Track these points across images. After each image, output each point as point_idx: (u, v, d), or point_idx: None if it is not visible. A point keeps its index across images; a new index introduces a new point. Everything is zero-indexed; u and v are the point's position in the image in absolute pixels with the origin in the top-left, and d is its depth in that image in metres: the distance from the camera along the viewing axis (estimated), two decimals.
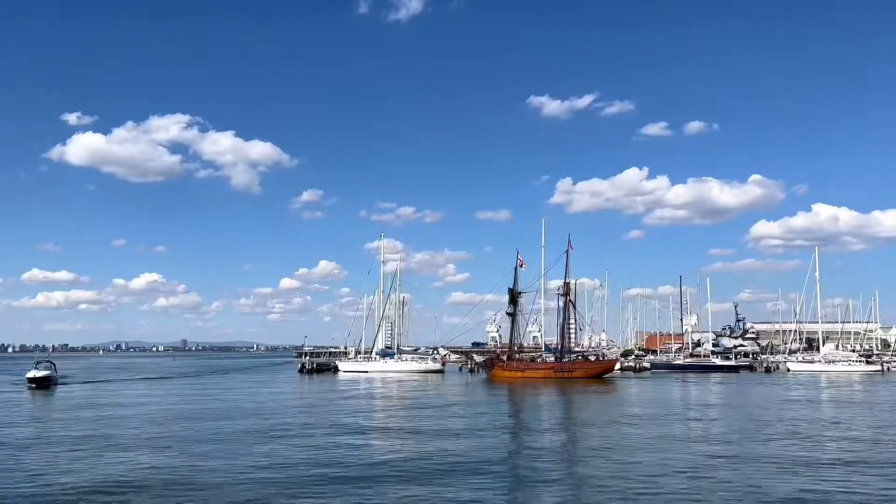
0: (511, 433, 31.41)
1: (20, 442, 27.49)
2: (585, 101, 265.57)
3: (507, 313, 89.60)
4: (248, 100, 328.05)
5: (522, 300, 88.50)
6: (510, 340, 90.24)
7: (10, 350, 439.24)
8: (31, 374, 64.76)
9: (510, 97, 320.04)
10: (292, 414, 39.53)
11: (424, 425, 33.26)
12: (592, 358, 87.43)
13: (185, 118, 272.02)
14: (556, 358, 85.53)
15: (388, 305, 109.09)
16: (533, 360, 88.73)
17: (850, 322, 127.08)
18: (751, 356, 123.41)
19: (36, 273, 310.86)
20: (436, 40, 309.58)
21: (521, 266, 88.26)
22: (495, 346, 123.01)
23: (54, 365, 72.37)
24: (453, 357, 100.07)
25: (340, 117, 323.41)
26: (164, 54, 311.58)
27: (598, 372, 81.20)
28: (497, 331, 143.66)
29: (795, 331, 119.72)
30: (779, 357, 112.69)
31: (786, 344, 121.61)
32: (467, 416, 38.32)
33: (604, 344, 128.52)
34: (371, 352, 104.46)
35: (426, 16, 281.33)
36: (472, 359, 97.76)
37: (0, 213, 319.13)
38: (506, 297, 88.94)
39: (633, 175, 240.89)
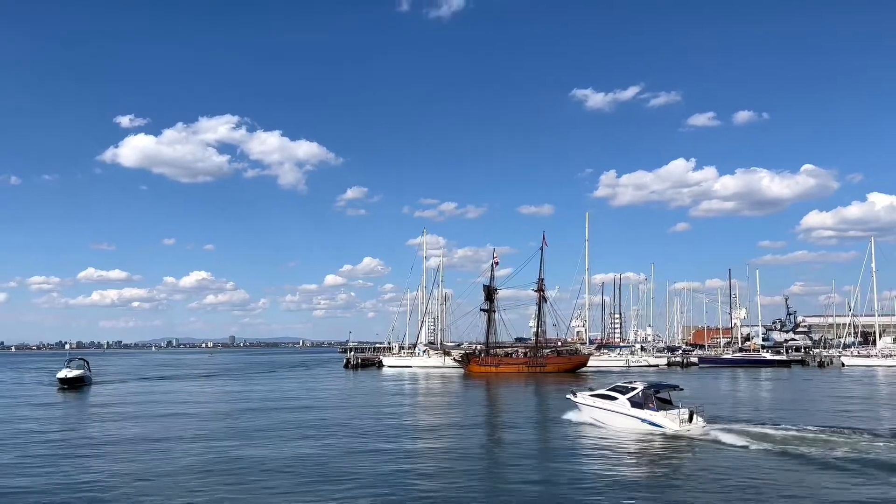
0: None
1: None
2: (630, 92, 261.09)
3: (482, 309, 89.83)
4: (295, 99, 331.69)
5: (498, 297, 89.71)
6: (486, 336, 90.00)
7: (67, 347, 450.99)
8: (63, 373, 62.78)
9: (553, 90, 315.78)
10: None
11: None
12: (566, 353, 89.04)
13: (234, 119, 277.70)
14: (525, 353, 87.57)
15: (430, 301, 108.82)
16: (508, 355, 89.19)
17: None
18: (803, 350, 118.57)
19: (91, 272, 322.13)
20: (478, 35, 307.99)
21: (497, 263, 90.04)
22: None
23: (87, 364, 71.08)
24: (432, 352, 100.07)
25: (384, 115, 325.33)
26: (213, 56, 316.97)
27: (570, 367, 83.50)
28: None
29: (850, 324, 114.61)
30: (832, 351, 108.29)
31: (839, 338, 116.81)
32: None
33: (650, 339, 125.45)
34: (415, 347, 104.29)
35: (468, 11, 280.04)
36: (449, 354, 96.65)
37: (58, 215, 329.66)
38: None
39: (679, 166, 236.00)
